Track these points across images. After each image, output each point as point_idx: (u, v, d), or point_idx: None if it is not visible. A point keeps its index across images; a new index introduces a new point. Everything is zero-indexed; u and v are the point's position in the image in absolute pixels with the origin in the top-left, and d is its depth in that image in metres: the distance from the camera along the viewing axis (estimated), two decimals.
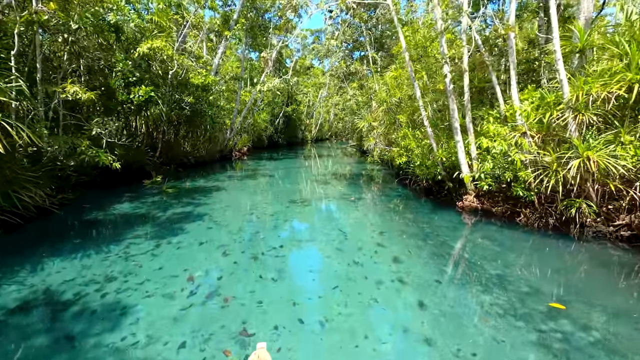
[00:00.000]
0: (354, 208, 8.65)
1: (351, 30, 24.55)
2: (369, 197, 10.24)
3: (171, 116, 13.76)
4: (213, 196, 9.52)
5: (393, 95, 14.26)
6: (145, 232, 6.39)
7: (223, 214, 7.66)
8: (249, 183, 11.99)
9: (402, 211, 8.42)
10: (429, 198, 9.69)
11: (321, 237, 6.33)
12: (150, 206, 8.26)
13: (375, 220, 7.51)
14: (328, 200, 9.66)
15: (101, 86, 9.59)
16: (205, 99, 13.38)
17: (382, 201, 9.58)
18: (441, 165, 8.80)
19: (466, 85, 7.46)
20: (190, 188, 10.75)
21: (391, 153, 13.14)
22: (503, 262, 5.29)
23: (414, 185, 11.18)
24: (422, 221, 7.42)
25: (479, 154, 7.66)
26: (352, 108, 21.60)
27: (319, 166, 19.10)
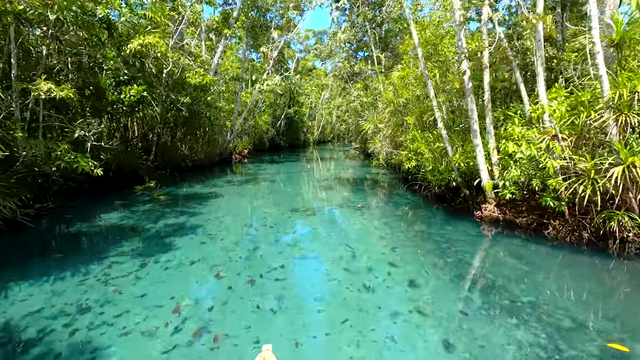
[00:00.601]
0: (361, 218, 7.95)
1: (355, 30, 23.90)
2: (376, 204, 9.54)
3: (167, 118, 13.12)
4: (209, 204, 8.84)
5: (400, 96, 13.57)
6: (132, 248, 5.72)
7: (219, 226, 6.98)
8: (248, 189, 11.32)
9: (414, 221, 7.72)
10: (442, 206, 8.98)
11: (327, 253, 5.64)
12: (140, 216, 7.59)
13: (385, 233, 6.81)
14: (332, 208, 8.96)
15: (90, 85, 8.96)
16: (203, 99, 12.74)
17: (391, 209, 8.88)
18: (456, 170, 8.10)
19: (486, 83, 6.77)
20: (186, 194, 10.08)
21: (399, 156, 12.45)
22: (534, 284, 4.59)
23: (425, 191, 10.47)
24: (436, 234, 6.72)
25: (500, 159, 6.95)
26: (356, 109, 20.93)
27: (322, 169, 18.42)
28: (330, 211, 8.58)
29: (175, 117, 13.65)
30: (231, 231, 6.68)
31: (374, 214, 8.39)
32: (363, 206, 9.08)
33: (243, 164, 19.63)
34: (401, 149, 13.58)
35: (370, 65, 20.35)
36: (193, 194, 10.22)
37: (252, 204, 9.29)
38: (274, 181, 13.07)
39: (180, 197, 9.71)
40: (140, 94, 9.11)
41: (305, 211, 8.35)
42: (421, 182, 11.00)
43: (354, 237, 6.53)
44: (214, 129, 18.21)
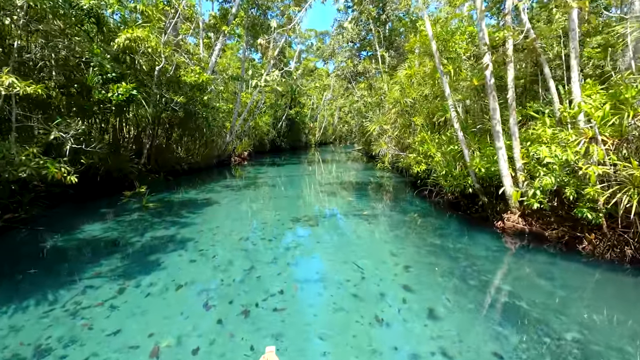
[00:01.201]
0: (368, 228, 7.24)
1: (359, 28, 23.22)
2: (383, 211, 8.82)
3: (162, 118, 12.45)
4: (203, 212, 8.14)
5: (408, 95, 12.86)
6: (111, 268, 5.01)
7: (212, 239, 6.27)
8: (246, 195, 10.61)
9: (426, 232, 6.99)
10: (456, 214, 8.26)
11: (332, 274, 4.92)
12: (126, 227, 6.89)
13: (396, 247, 6.08)
14: (336, 216, 8.25)
15: (75, 83, 8.29)
16: (200, 99, 12.05)
17: (400, 218, 8.16)
18: (473, 175, 7.38)
19: (510, 79, 6.04)
20: (179, 201, 9.38)
21: (406, 159, 11.74)
22: (576, 315, 3.89)
23: (436, 197, 9.75)
24: (453, 248, 6.00)
25: (526, 164, 6.23)
26: (359, 110, 20.23)
27: (324, 173, 17.71)
28: (334, 220, 7.86)
29: (171, 118, 12.97)
30: (225, 246, 5.97)
31: (381, 223, 7.67)
32: (369, 214, 8.37)
33: (243, 167, 18.95)
34: (409, 152, 12.87)
35: (374, 64, 19.65)
36: (187, 200, 9.52)
37: (250, 212, 8.58)
38: (274, 185, 12.37)
39: (173, 204, 9.01)
40: (129, 93, 8.44)
41: (307, 220, 7.64)
42: (432, 188, 10.29)
43: (361, 252, 5.82)
44: (212, 130, 17.55)
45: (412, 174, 11.25)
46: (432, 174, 10.24)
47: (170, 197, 9.87)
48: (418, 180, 11.15)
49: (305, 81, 35.38)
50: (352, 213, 8.49)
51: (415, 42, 13.83)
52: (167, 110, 11.59)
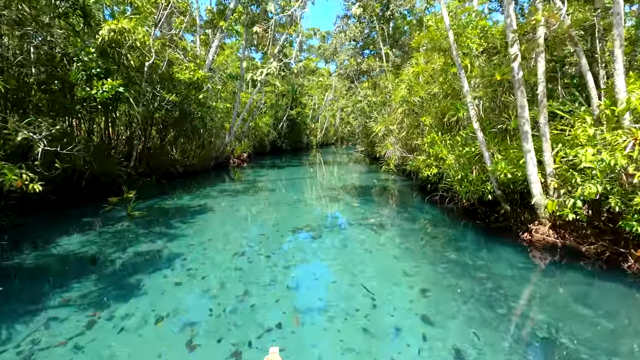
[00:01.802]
0: (376, 240, 6.51)
1: (362, 26, 22.53)
2: (391, 219, 8.09)
3: (155, 118, 11.75)
4: (196, 222, 7.42)
5: (416, 94, 12.14)
6: (83, 293, 4.29)
7: (203, 256, 5.54)
8: (244, 201, 9.88)
9: (441, 245, 6.26)
10: (472, 223, 7.54)
11: (338, 300, 4.19)
12: (108, 240, 6.18)
13: (408, 264, 5.35)
14: (341, 225, 7.51)
15: (55, 79, 7.61)
16: (195, 98, 11.34)
17: (410, 227, 7.44)
18: (494, 181, 6.65)
19: (541, 72, 5.31)
20: (170, 208, 8.66)
21: (415, 162, 11.02)
22: (629, 354, 3.18)
23: (449, 203, 9.02)
24: (473, 265, 5.27)
25: (558, 168, 5.49)
26: (363, 110, 19.51)
27: (327, 175, 17.00)
28: (339, 230, 7.13)
29: (165, 118, 12.28)
30: (217, 264, 5.25)
31: (390, 233, 6.95)
32: (377, 223, 7.65)
33: (242, 169, 18.24)
34: (417, 154, 12.15)
35: (379, 62, 18.92)
36: (179, 207, 8.80)
37: (247, 220, 7.85)
38: (273, 190, 11.66)
39: (163, 212, 8.29)
40: (115, 90, 7.74)
41: (309, 231, 6.91)
42: (443, 193, 9.57)
43: (370, 270, 5.09)
44: (209, 131, 16.85)
45: (422, 177, 10.53)
46: (443, 178, 9.52)
47: (161, 203, 9.16)
48: (428, 185, 10.43)
49: (306, 81, 34.69)
50: (357, 221, 7.77)
51: (423, 38, 13.12)
52: (160, 109, 10.90)
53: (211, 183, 12.85)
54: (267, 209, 9.04)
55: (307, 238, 6.49)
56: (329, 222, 7.80)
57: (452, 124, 10.60)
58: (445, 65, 10.21)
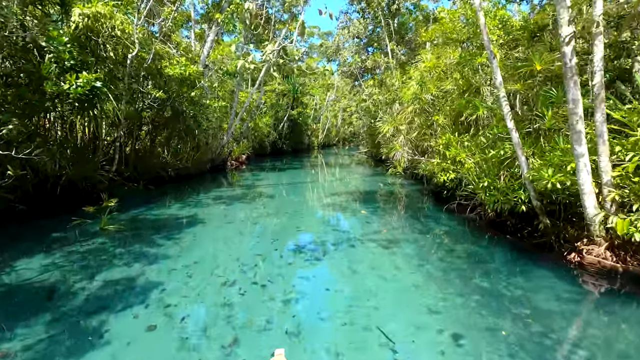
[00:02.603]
0: (391, 261, 5.48)
1: (366, 22, 21.56)
2: (405, 233, 7.07)
3: (144, 117, 10.78)
4: (182, 238, 6.39)
5: (428, 91, 11.13)
6: (26, 345, 3.28)
7: (185, 285, 4.52)
8: (239, 210, 8.87)
9: (468, 268, 5.22)
10: (500, 236, 6.53)
11: (350, 352, 3.17)
12: (74, 264, 5.16)
13: (432, 296, 4.31)
14: (349, 242, 6.45)
15: (22, 72, 6.64)
16: (187, 96, 10.35)
17: (428, 243, 6.41)
18: (532, 189, 5.62)
19: (598, 58, 4.29)
20: (155, 220, 7.64)
21: (429, 166, 10.00)
22: None
23: (470, 213, 7.99)
24: (512, 297, 4.24)
25: (619, 176, 4.47)
26: (368, 109, 18.51)
27: (330, 179, 15.99)
28: (346, 248, 6.08)
29: (155, 117, 11.30)
30: (202, 298, 4.23)
31: (406, 252, 5.92)
32: (389, 238, 6.64)
33: (240, 172, 17.25)
34: (429, 156, 11.15)
35: (385, 58, 17.91)
36: (165, 218, 7.78)
37: (241, 236, 6.81)
38: (272, 196, 10.66)
39: (146, 225, 7.27)
40: (91, 85, 6.76)
41: (312, 250, 5.89)
42: (463, 201, 8.56)
43: (387, 306, 4.05)
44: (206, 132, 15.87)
45: (435, 182, 9.51)
46: (462, 184, 8.51)
47: (146, 213, 8.15)
48: (443, 191, 9.41)
49: (308, 80, 33.72)
50: (367, 236, 6.74)
51: (435, 31, 12.12)
52: (149, 108, 9.93)
53: (205, 188, 11.86)
54: (265, 219, 8.01)
55: (309, 259, 5.47)
56: (335, 236, 6.78)
57: (470, 123, 9.59)
58: (464, 58, 9.19)
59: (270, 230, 7.07)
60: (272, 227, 7.39)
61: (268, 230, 7.13)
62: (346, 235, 6.81)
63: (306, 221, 8.00)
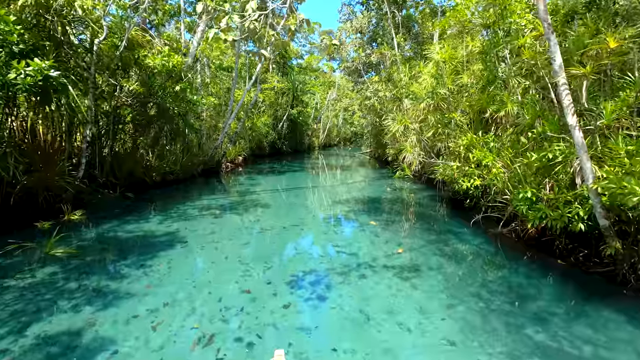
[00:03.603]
0: (413, 298, 4.23)
1: (369, 15, 20.32)
2: (425, 256, 5.79)
3: (122, 115, 9.53)
4: (152, 267, 5.10)
5: (446, 85, 9.87)
6: None
7: (145, 347, 3.23)
8: (228, 225, 7.57)
9: (517, 310, 3.95)
10: (545, 259, 5.29)
11: None
12: (3, 307, 3.90)
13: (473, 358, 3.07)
14: (358, 269, 5.16)
15: None
16: (171, 90, 9.09)
17: (457, 271, 5.15)
18: (598, 204, 4.35)
19: None
20: (123, 239, 6.34)
21: (447, 170, 8.74)
22: None
23: (501, 228, 6.72)
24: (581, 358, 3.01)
25: None
26: (373, 107, 17.25)
27: (333, 183, 14.73)
28: (355, 280, 4.78)
29: (138, 115, 10.06)
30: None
31: (431, 285, 4.64)
32: (408, 263, 5.39)
33: (236, 175, 16.00)
34: (445, 158, 9.89)
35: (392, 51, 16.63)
36: (138, 236, 6.49)
37: (226, 262, 5.47)
38: (268, 206, 9.39)
39: (111, 246, 5.97)
40: (44, 74, 5.51)
41: (313, 284, 4.60)
42: (490, 211, 7.33)
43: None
44: (198, 132, 14.65)
45: (456, 189, 8.25)
46: (490, 193, 7.27)
47: (116, 228, 6.87)
48: (466, 200, 8.16)
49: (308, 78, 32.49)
50: (380, 259, 5.49)
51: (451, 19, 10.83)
52: (127, 105, 8.69)
53: (194, 195, 10.59)
54: (258, 237, 6.71)
55: (311, 297, 4.20)
56: (341, 260, 5.51)
57: (497, 121, 8.33)
58: (495, 42, 7.92)
59: (264, 253, 5.80)
60: (266, 247, 6.12)
61: (261, 252, 5.86)
62: (355, 258, 5.55)
63: (306, 238, 6.74)
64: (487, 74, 8.63)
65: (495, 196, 7.18)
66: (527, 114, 7.23)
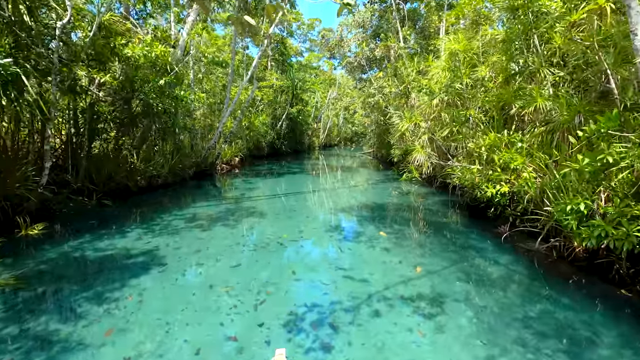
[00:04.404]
0: (444, 351, 3.24)
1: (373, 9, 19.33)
2: (448, 280, 4.80)
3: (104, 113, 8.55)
4: (117, 302, 4.08)
5: (462, 78, 8.88)
6: None
7: None
8: (216, 241, 6.49)
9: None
10: (599, 285, 4.30)
11: None
12: None
13: None
14: (370, 303, 4.18)
15: None
16: (153, 85, 8.07)
17: (490, 303, 4.15)
18: None
19: None
20: (90, 260, 5.33)
21: (467, 174, 7.75)
22: None
23: (541, 243, 5.72)
24: None
25: None
26: (377, 105, 16.24)
27: (335, 186, 13.72)
28: (368, 320, 3.78)
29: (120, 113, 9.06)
30: None
31: (461, 326, 3.64)
32: (430, 297, 4.41)
33: (231, 178, 14.98)
34: (463, 160, 8.90)
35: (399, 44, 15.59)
36: (107, 256, 5.48)
37: (208, 298, 4.35)
38: (264, 215, 8.37)
39: (71, 271, 4.95)
40: None
41: (315, 327, 3.60)
42: (517, 222, 6.36)
43: None
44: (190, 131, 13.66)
45: (477, 196, 7.25)
46: (521, 202, 6.29)
47: (85, 245, 5.85)
48: (490, 208, 7.17)
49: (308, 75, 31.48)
50: (395, 287, 4.49)
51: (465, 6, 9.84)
52: (103, 100, 7.69)
53: (182, 202, 9.56)
54: (250, 259, 5.61)
55: (312, 347, 3.20)
56: (348, 288, 4.50)
57: (524, 118, 7.35)
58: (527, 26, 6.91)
59: (256, 279, 4.79)
60: (260, 271, 5.11)
61: (253, 278, 4.85)
62: (365, 286, 4.54)
63: (307, 258, 5.74)
64: (511, 65, 7.63)
65: (527, 205, 6.20)
66: (563, 110, 6.24)
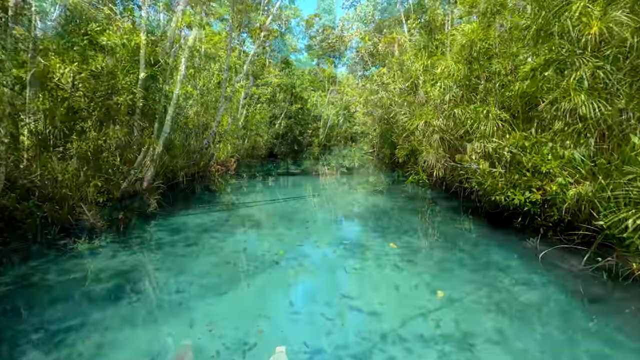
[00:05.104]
0: None
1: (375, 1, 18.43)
2: (472, 306, 3.91)
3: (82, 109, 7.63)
4: (62, 349, 3.20)
5: (478, 70, 7.97)
6: None
7: None
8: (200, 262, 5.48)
9: None
10: None
11: None
12: None
13: None
14: (385, 347, 3.30)
15: None
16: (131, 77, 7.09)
17: (528, 339, 3.31)
18: None
19: None
20: (35, 294, 4.36)
21: (488, 179, 6.83)
22: None
23: (588, 262, 4.81)
24: None
25: None
26: (381, 102, 15.31)
27: (337, 190, 12.81)
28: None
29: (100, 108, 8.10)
30: None
31: None
32: (460, 340, 3.51)
33: (226, 180, 14.05)
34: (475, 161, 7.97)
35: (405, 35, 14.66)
36: (59, 289, 4.46)
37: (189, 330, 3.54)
38: (258, 226, 7.43)
39: (14, 312, 4.05)
40: None
41: None
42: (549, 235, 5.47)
43: None
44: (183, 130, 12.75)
45: (506, 204, 6.32)
46: (555, 212, 5.40)
47: (31, 273, 4.85)
48: (518, 217, 6.25)
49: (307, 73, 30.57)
50: (413, 322, 3.61)
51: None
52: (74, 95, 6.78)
53: (168, 210, 8.59)
54: (239, 290, 4.53)
55: None
56: (358, 328, 3.58)
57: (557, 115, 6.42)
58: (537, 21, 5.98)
59: (245, 315, 3.86)
60: (249, 302, 4.17)
61: (241, 311, 3.92)
62: (377, 322, 3.63)
63: (306, 282, 4.82)
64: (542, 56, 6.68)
65: (563, 215, 5.29)
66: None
